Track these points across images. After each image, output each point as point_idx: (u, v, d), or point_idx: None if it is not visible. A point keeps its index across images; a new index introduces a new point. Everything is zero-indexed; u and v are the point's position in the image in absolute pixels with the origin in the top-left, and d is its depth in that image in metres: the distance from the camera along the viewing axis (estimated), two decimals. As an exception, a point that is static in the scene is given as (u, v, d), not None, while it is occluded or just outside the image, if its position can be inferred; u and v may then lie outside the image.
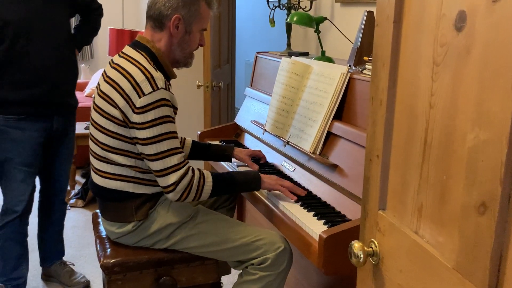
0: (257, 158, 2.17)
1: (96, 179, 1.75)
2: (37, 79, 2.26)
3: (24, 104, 2.26)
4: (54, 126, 2.37)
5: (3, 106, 2.26)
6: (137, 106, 1.58)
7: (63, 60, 2.35)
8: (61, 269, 2.65)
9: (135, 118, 1.59)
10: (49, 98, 2.32)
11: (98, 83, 1.73)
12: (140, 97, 1.57)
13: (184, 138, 2.09)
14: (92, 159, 1.76)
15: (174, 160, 1.62)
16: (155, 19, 1.70)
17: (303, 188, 1.88)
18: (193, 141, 2.11)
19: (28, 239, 2.44)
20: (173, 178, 1.62)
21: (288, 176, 2.01)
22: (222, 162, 2.30)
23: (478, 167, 0.71)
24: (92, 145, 1.74)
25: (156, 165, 1.62)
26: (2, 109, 2.26)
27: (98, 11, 2.56)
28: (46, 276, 2.71)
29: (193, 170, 1.66)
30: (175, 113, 1.68)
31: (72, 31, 2.50)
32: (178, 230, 1.76)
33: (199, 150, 2.10)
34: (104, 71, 1.74)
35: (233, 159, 2.15)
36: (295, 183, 1.94)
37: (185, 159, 1.67)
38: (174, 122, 1.65)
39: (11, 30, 2.16)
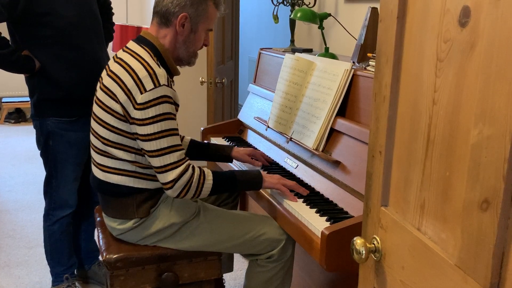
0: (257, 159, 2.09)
1: (97, 173, 1.76)
2: (92, 75, 2.16)
3: (79, 104, 2.22)
4: None
5: (57, 106, 2.22)
6: (138, 102, 1.57)
7: (107, 56, 2.37)
8: (99, 270, 2.60)
9: (136, 114, 1.58)
10: None
11: (101, 77, 1.74)
12: (141, 93, 1.57)
13: (183, 136, 2.07)
14: (93, 153, 1.77)
15: (173, 157, 1.62)
16: (162, 15, 1.69)
17: (306, 186, 1.88)
18: (191, 140, 2.09)
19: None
20: (172, 175, 1.61)
21: (291, 173, 2.01)
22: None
23: (481, 164, 0.71)
24: (93, 139, 1.75)
25: (155, 162, 1.62)
26: (54, 110, 2.22)
27: (111, 9, 2.58)
28: (82, 279, 2.64)
29: (193, 167, 1.66)
30: (177, 110, 1.68)
31: None
32: (181, 230, 1.76)
33: (198, 150, 2.08)
34: (108, 65, 1.74)
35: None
36: (298, 180, 1.94)
37: (185, 156, 1.67)
38: (175, 119, 1.64)
39: (61, 20, 2.14)
